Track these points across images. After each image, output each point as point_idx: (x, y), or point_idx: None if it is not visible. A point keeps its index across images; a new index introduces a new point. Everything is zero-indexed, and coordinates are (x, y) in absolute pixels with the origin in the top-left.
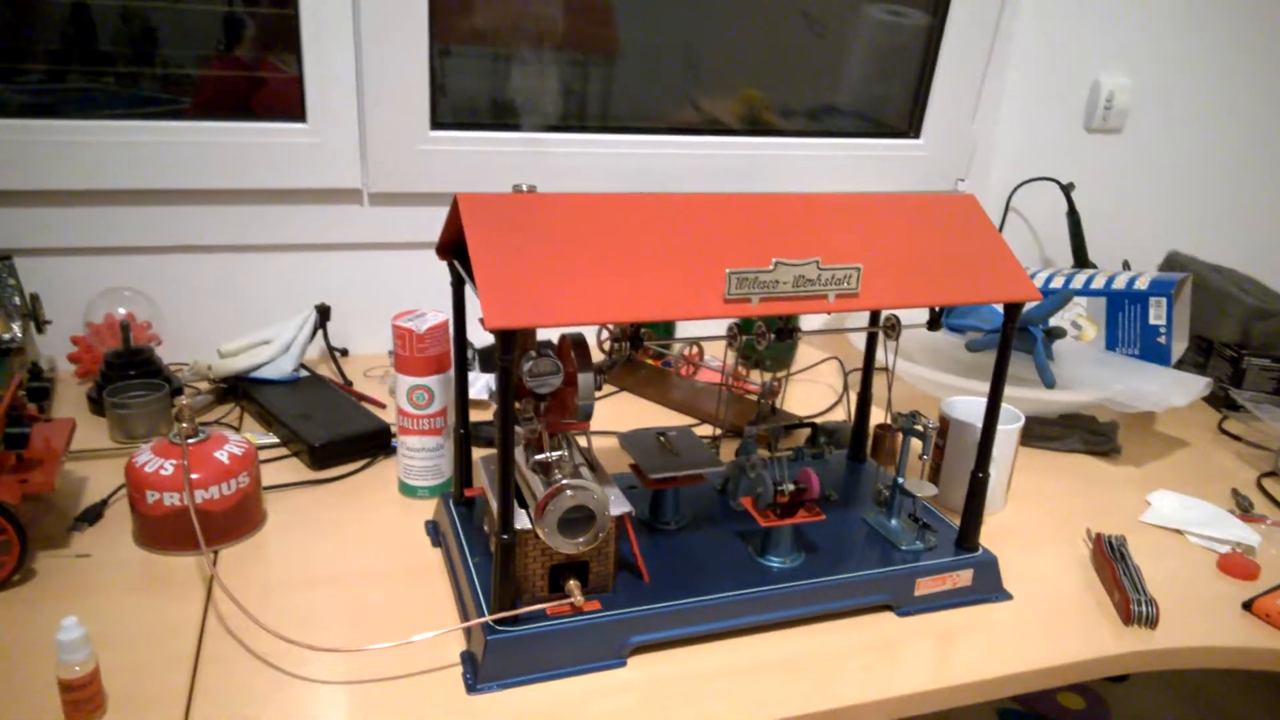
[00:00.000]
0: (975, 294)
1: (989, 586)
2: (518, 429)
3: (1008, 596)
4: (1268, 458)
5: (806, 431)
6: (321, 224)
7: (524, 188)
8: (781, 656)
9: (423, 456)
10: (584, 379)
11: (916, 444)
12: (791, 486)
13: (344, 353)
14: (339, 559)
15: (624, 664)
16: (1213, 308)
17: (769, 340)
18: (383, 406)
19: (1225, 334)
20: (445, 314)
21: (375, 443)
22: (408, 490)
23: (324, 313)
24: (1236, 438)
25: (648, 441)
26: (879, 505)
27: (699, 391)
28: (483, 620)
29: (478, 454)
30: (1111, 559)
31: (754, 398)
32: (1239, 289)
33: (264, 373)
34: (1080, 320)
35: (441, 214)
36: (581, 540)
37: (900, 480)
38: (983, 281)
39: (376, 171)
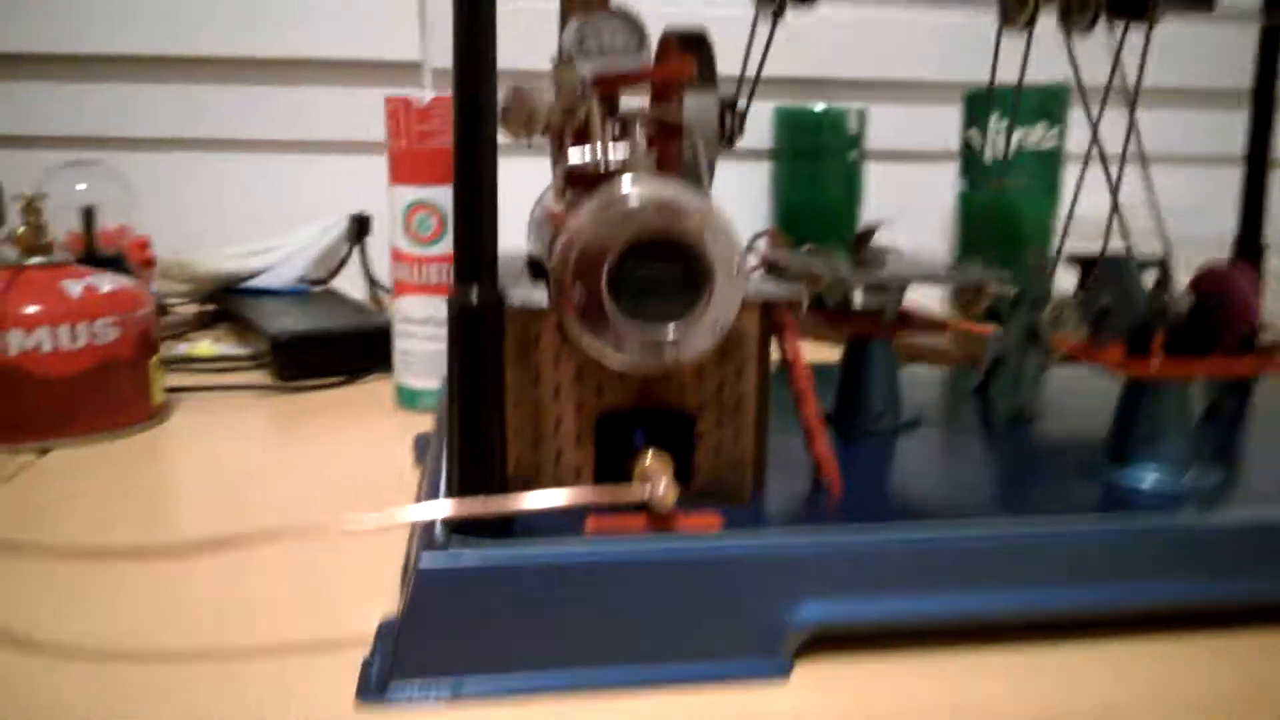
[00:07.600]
0: None
1: None
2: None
3: None
4: None
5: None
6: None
7: None
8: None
9: (428, 334)
10: (698, 100)
11: None
12: (1190, 301)
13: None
14: (265, 504)
15: (785, 672)
16: None
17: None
18: None
19: None
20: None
21: (373, 347)
22: (407, 398)
23: (361, 224)
24: None
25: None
26: None
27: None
28: (426, 516)
29: None
30: None
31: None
32: None
33: (261, 281)
34: None
35: None
36: (671, 335)
37: None
38: None
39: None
